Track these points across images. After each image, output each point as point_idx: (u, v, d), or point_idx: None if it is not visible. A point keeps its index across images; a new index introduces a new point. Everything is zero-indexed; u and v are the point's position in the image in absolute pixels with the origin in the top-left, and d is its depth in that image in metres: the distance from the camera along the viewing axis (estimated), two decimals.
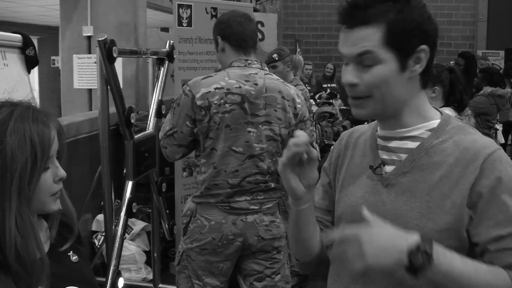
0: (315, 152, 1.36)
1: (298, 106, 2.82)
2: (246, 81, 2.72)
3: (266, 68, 2.89)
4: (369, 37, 1.34)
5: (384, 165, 1.46)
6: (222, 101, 2.66)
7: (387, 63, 1.35)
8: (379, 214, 1.36)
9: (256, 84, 2.73)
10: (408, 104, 1.41)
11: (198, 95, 2.65)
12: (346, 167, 1.56)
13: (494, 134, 6.35)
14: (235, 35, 2.77)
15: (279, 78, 2.93)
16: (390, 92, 1.37)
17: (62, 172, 1.42)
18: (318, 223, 1.58)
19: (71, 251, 1.56)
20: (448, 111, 3.22)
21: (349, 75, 1.38)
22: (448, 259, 1.23)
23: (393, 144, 1.46)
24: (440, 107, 3.26)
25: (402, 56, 1.36)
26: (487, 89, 6.09)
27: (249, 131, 2.71)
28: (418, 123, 1.43)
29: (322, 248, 1.56)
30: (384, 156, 1.47)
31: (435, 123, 1.44)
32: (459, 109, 3.28)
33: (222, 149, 2.70)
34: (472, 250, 1.34)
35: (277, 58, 4.94)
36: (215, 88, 2.67)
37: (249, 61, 2.79)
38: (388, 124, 1.46)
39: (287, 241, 1.58)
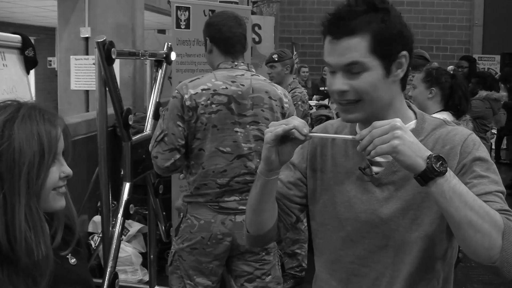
0: (302, 137, 1.43)
1: (286, 105, 2.84)
2: (233, 82, 2.75)
3: (253, 70, 2.91)
4: (356, 47, 1.42)
5: (371, 165, 1.55)
6: (208, 101, 2.68)
7: (374, 70, 1.44)
8: (374, 210, 1.53)
9: (243, 85, 2.75)
10: (392, 106, 1.52)
11: (186, 96, 2.67)
12: (330, 168, 1.63)
13: (490, 138, 6.36)
14: (224, 40, 2.80)
15: (266, 79, 2.95)
16: (378, 96, 1.46)
17: (68, 170, 1.44)
18: (279, 209, 1.66)
19: (70, 254, 1.58)
20: (446, 115, 3.25)
21: (338, 83, 1.45)
22: (456, 179, 1.33)
23: None
24: (438, 111, 3.31)
25: (387, 62, 1.45)
26: (483, 93, 6.12)
27: (237, 131, 2.73)
28: None
29: (274, 227, 1.65)
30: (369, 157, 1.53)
31: (413, 123, 1.56)
32: (458, 115, 3.31)
33: (210, 149, 2.72)
34: None
35: (276, 59, 4.96)
36: (202, 89, 2.70)
37: (236, 63, 2.81)
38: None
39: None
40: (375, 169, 1.54)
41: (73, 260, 1.57)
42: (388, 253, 1.54)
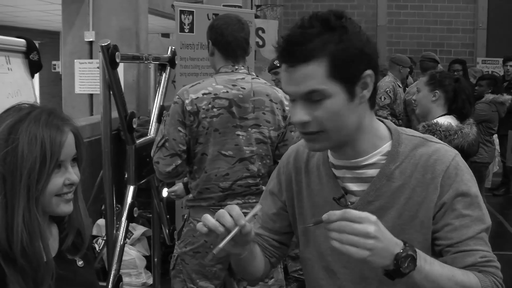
0: (249, 227, 1.31)
1: (287, 108, 2.85)
2: (233, 85, 2.76)
3: (253, 73, 2.92)
4: (314, 74, 1.29)
5: (346, 195, 1.45)
6: (210, 106, 2.70)
7: (336, 95, 1.31)
8: None
9: (244, 88, 2.77)
10: (361, 129, 1.40)
11: (187, 101, 2.69)
12: (306, 196, 1.54)
13: (494, 141, 6.37)
14: (225, 44, 2.81)
15: (266, 82, 2.96)
16: (343, 122, 1.34)
17: (73, 177, 1.45)
18: (264, 242, 1.61)
19: (77, 255, 1.60)
20: (450, 119, 3.25)
21: (299, 113, 1.33)
22: (428, 263, 1.27)
23: (351, 174, 1.45)
24: (442, 115, 3.31)
25: (349, 85, 1.32)
26: (489, 97, 6.13)
27: (238, 135, 2.74)
28: (372, 149, 1.42)
29: (266, 267, 1.59)
30: (344, 185, 1.46)
31: (387, 145, 1.44)
32: (462, 118, 3.31)
33: (212, 153, 2.72)
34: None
35: (278, 65, 4.96)
36: (203, 94, 2.71)
37: (236, 67, 2.82)
38: (344, 154, 1.43)
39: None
40: (350, 198, 1.45)
41: (80, 263, 1.59)
42: (372, 285, 1.46)
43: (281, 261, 1.67)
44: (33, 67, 2.78)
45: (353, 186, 1.45)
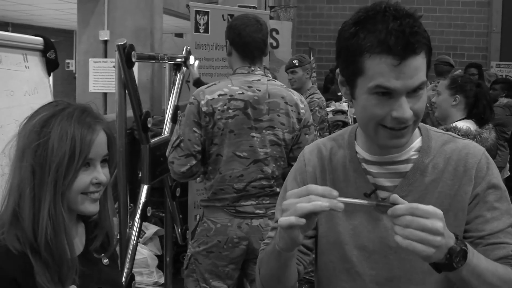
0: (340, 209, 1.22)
1: (302, 111, 2.85)
2: (249, 87, 2.76)
3: (269, 75, 2.92)
4: (422, 66, 1.28)
5: (376, 190, 1.43)
6: (225, 107, 2.70)
7: (425, 85, 1.32)
8: (382, 238, 1.42)
9: (259, 90, 2.77)
10: None
11: (203, 102, 2.69)
12: None
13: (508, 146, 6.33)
14: (243, 45, 2.81)
15: (282, 84, 2.96)
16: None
17: (101, 176, 1.46)
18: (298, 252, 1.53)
19: (103, 254, 1.62)
20: (469, 123, 3.23)
21: (407, 110, 1.28)
22: (476, 257, 1.25)
23: (383, 169, 1.44)
24: (461, 119, 3.29)
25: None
26: (503, 100, 6.10)
27: (253, 136, 2.75)
28: (407, 144, 1.41)
29: (296, 276, 1.51)
30: (374, 181, 1.44)
31: (418, 141, 1.45)
32: (481, 123, 3.29)
33: (227, 154, 2.73)
34: None
35: (297, 64, 4.97)
36: (219, 95, 2.72)
37: (252, 68, 2.82)
38: (381, 149, 1.42)
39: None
40: (381, 194, 1.43)
41: (105, 261, 1.61)
42: (399, 286, 1.43)
43: (305, 270, 1.58)
44: (50, 65, 2.79)
45: (385, 182, 1.43)
